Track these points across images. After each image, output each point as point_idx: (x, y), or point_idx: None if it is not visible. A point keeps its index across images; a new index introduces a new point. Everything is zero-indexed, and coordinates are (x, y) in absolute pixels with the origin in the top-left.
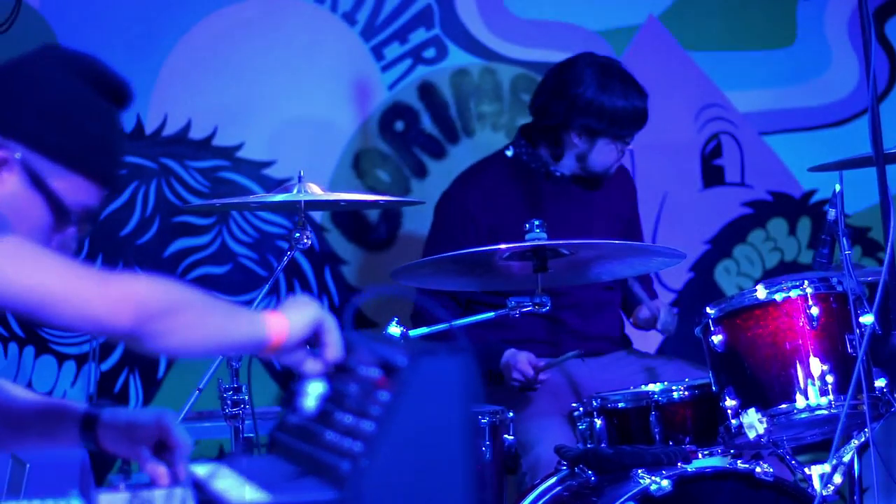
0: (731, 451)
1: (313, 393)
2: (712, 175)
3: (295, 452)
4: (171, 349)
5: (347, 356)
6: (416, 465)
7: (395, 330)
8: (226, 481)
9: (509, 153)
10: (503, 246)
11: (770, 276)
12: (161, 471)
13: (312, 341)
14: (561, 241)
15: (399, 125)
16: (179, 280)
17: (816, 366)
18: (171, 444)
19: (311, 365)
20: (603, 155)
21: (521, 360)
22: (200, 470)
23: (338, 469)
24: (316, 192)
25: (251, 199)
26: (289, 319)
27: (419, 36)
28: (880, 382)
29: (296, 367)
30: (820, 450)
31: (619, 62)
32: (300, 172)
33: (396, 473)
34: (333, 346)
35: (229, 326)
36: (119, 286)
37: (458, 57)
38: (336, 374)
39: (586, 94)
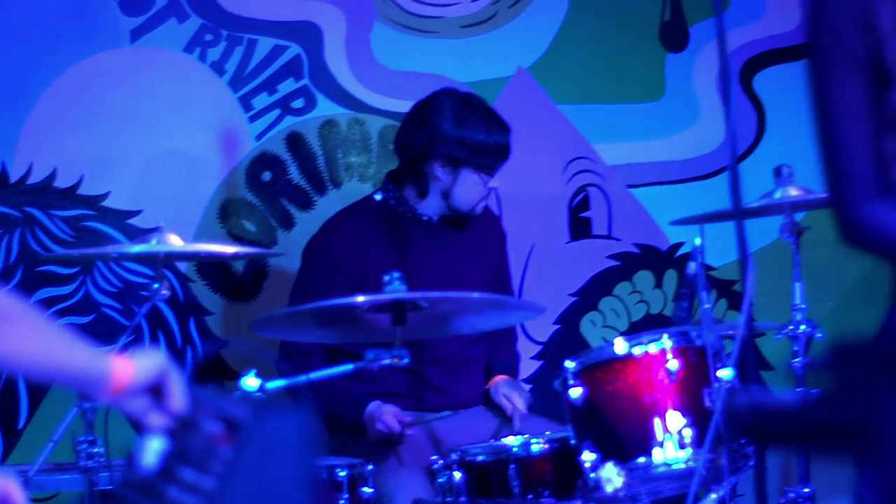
0: None
1: (156, 447)
2: (579, 227)
3: None
4: None
5: (192, 410)
6: None
7: (251, 382)
8: None
9: (378, 198)
10: (361, 298)
11: (636, 329)
12: None
13: (156, 392)
14: (419, 295)
15: (266, 175)
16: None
17: (675, 419)
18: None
19: (155, 417)
20: (467, 188)
21: (387, 413)
22: None
23: None
24: (176, 243)
25: (110, 249)
26: (133, 364)
27: (288, 86)
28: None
29: (139, 417)
30: None
31: (480, 97)
32: (160, 224)
33: None
34: (177, 397)
35: (66, 352)
36: None
37: (326, 107)
38: (180, 428)
39: (446, 124)
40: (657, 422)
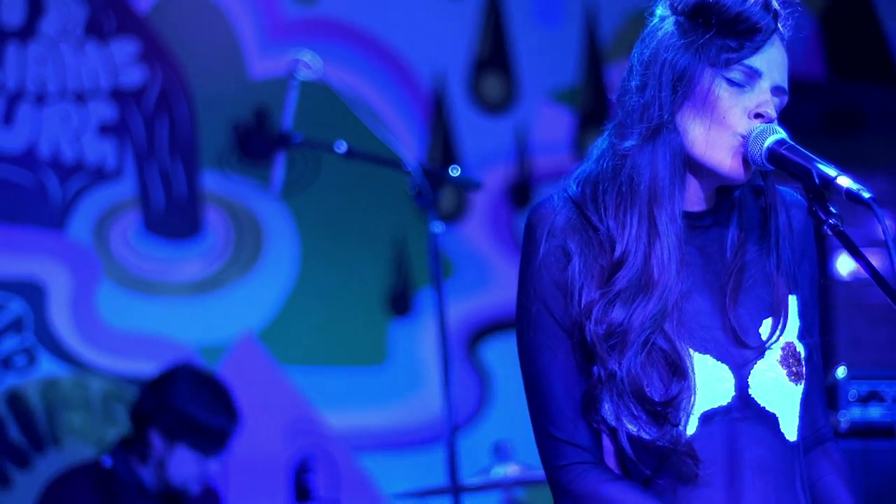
0: None
1: None
2: (302, 491)
3: None
4: None
5: None
6: None
7: None
8: None
9: (107, 465)
10: None
11: None
12: None
13: None
14: None
15: None
16: None
17: None
18: None
19: None
20: (181, 464)
21: None
22: None
23: None
24: None
25: None
26: None
27: (10, 343)
28: None
29: None
30: None
31: (217, 378)
32: None
33: None
34: None
35: None
36: None
37: (49, 366)
38: None
39: (173, 396)
40: None
